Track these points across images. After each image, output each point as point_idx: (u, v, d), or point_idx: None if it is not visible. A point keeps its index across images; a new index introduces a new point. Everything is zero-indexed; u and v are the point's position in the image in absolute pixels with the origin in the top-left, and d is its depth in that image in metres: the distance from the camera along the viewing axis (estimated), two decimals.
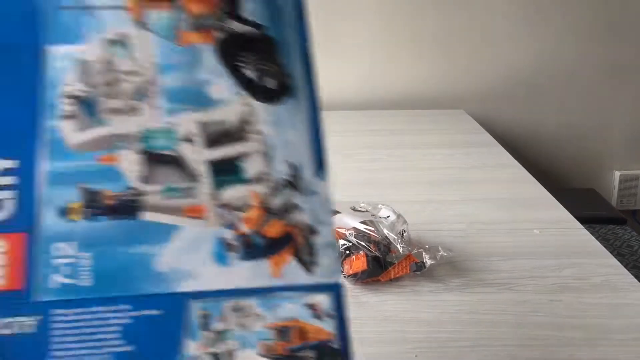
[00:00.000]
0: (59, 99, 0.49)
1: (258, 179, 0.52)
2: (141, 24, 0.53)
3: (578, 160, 2.50)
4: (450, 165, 1.60)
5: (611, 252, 1.06)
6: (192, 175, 0.51)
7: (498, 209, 1.27)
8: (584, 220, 1.23)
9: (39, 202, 0.48)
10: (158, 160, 0.51)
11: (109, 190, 0.49)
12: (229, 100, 0.53)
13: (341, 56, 2.36)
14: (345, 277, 0.97)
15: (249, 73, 0.53)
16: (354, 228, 1.02)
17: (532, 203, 1.31)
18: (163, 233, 0.49)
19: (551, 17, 2.29)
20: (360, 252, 0.97)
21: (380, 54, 2.35)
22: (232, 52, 0.53)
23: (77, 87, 0.50)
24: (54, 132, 0.49)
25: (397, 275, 0.97)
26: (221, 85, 0.53)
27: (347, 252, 0.98)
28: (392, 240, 0.99)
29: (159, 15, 0.53)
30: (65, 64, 0.50)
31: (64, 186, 0.48)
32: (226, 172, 0.52)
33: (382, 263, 0.97)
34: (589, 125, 2.44)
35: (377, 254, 0.96)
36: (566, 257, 1.00)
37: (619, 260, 1.02)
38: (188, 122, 0.52)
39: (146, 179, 0.51)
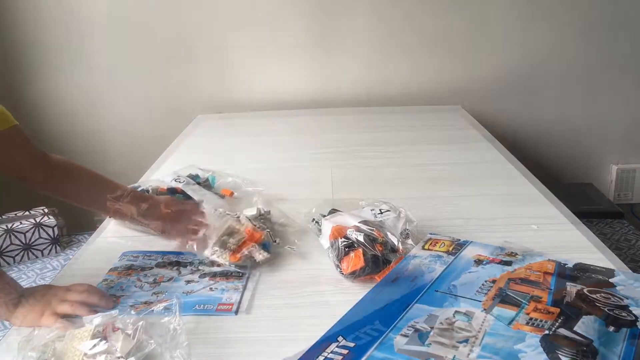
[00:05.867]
0: (406, 327, 0.76)
1: None
2: (487, 310, 0.79)
3: (575, 155, 2.51)
4: (448, 162, 1.61)
5: (609, 247, 1.07)
6: None
7: (496, 205, 1.28)
8: (582, 215, 1.23)
9: None
10: None
11: None
12: None
13: (339, 54, 2.35)
14: (343, 275, 0.98)
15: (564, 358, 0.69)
16: (355, 226, 1.02)
17: (530, 198, 1.31)
18: None
19: (547, 14, 2.29)
20: (359, 250, 0.97)
21: (378, 52, 2.35)
22: (554, 343, 0.71)
23: (420, 324, 0.76)
24: (390, 339, 0.74)
25: None
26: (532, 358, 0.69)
27: (347, 249, 0.98)
28: (395, 242, 0.99)
29: (503, 310, 0.79)
30: (421, 313, 0.79)
31: None
32: None
33: (380, 262, 0.96)
34: (585, 120, 2.45)
35: (379, 253, 0.96)
36: (564, 252, 1.00)
37: (616, 254, 1.03)
38: None
39: None
